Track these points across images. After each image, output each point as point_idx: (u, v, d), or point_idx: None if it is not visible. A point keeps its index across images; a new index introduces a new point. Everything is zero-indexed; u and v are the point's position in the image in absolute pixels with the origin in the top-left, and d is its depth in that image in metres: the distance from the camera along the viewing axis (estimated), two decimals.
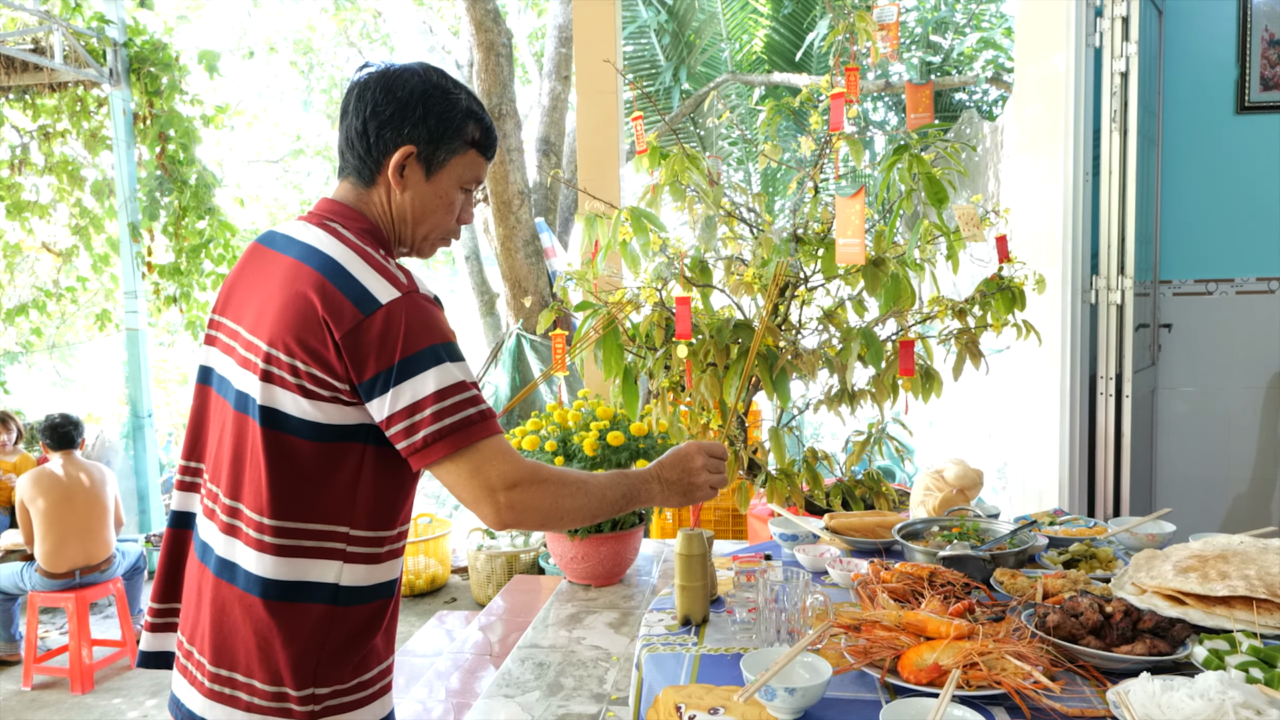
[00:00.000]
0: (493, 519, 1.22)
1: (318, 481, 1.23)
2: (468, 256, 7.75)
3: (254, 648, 1.22)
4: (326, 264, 1.23)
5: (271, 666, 1.22)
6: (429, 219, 1.38)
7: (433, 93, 1.34)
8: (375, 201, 1.36)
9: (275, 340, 1.21)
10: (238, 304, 1.32)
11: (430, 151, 1.34)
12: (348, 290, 1.20)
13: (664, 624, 1.72)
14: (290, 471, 1.21)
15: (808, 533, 2.08)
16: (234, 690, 1.23)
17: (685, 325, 2.07)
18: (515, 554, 5.18)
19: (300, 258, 1.25)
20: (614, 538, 3.95)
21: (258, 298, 1.27)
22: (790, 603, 1.53)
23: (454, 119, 1.35)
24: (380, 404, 1.20)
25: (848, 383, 2.68)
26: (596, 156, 4.39)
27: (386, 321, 1.19)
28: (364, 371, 1.19)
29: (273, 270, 1.27)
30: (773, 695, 1.29)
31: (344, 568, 1.25)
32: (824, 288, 3.02)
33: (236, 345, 1.28)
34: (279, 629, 1.21)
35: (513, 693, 3.00)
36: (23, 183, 6.22)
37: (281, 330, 1.20)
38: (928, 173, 2.16)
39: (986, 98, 6.77)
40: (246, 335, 1.26)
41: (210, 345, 1.35)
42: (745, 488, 2.90)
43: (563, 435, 3.97)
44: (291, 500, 1.22)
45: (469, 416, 1.22)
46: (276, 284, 1.24)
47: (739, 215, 2.81)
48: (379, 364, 1.18)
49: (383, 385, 1.19)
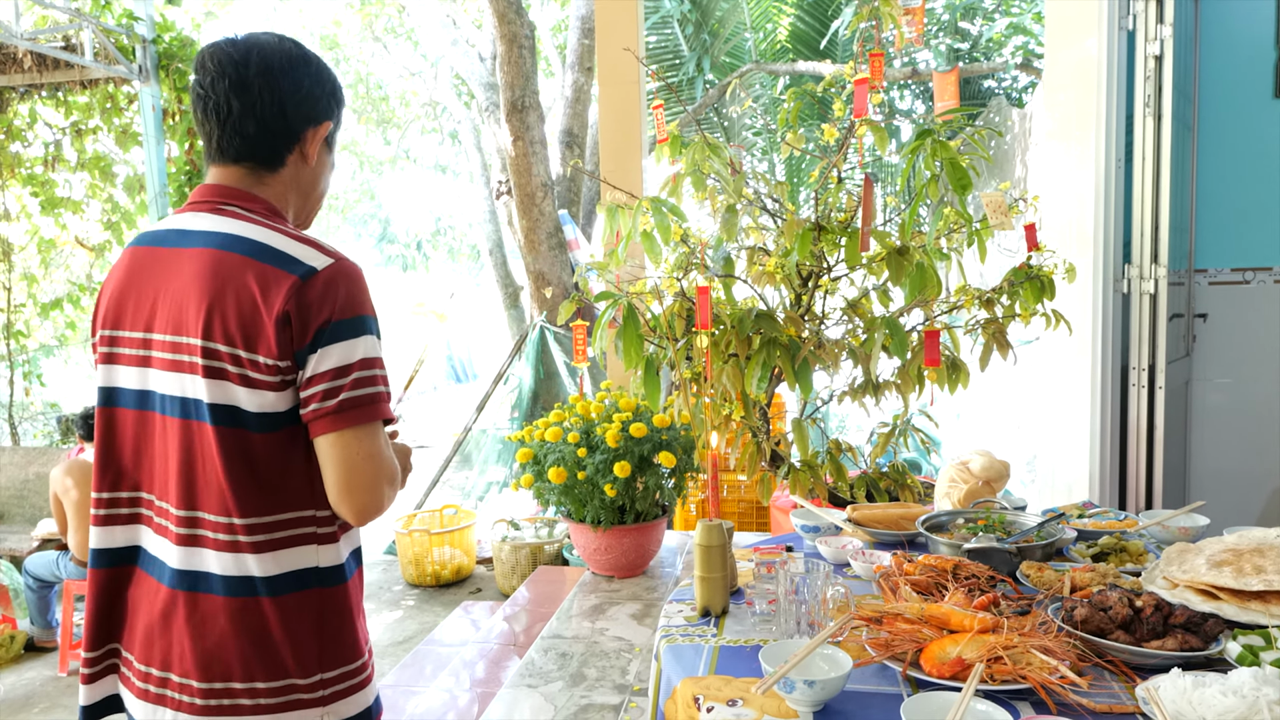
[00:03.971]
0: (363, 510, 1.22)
1: (279, 471, 1.21)
2: (491, 250, 7.77)
3: (251, 650, 1.20)
4: (249, 246, 1.20)
5: (274, 663, 1.20)
6: (323, 186, 1.40)
7: (324, 65, 1.34)
8: (277, 180, 1.31)
9: (211, 334, 1.18)
10: (143, 312, 1.24)
11: (338, 122, 1.36)
12: (279, 263, 1.19)
13: (683, 615, 1.71)
14: (249, 467, 1.19)
15: (830, 524, 2.05)
16: (235, 699, 1.20)
17: (706, 315, 2.05)
18: (539, 545, 5.19)
19: (217, 246, 1.21)
20: (636, 529, 3.95)
21: (169, 299, 1.21)
22: (811, 594, 1.51)
23: (339, 86, 1.37)
24: (309, 363, 1.18)
25: (872, 373, 2.65)
26: (619, 147, 4.37)
27: (325, 285, 1.19)
28: (305, 336, 1.17)
29: (178, 267, 1.22)
30: (792, 688, 1.28)
31: (319, 550, 1.24)
32: (849, 278, 2.98)
33: (160, 353, 1.22)
34: (279, 623, 1.20)
35: (536, 683, 3.01)
36: (56, 179, 6.33)
37: (215, 322, 1.18)
38: (951, 158, 2.12)
39: (1016, 84, 6.65)
40: (170, 339, 1.21)
41: (117, 364, 1.27)
42: (768, 479, 2.87)
43: (585, 427, 3.96)
44: (257, 496, 1.20)
45: (382, 394, 1.22)
46: (190, 278, 1.20)
47: (761, 204, 2.78)
48: (316, 325, 1.17)
49: (312, 346, 1.18)
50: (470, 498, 6.59)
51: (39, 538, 4.61)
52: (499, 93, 6.35)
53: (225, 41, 1.29)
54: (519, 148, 6.07)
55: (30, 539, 4.87)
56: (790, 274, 2.57)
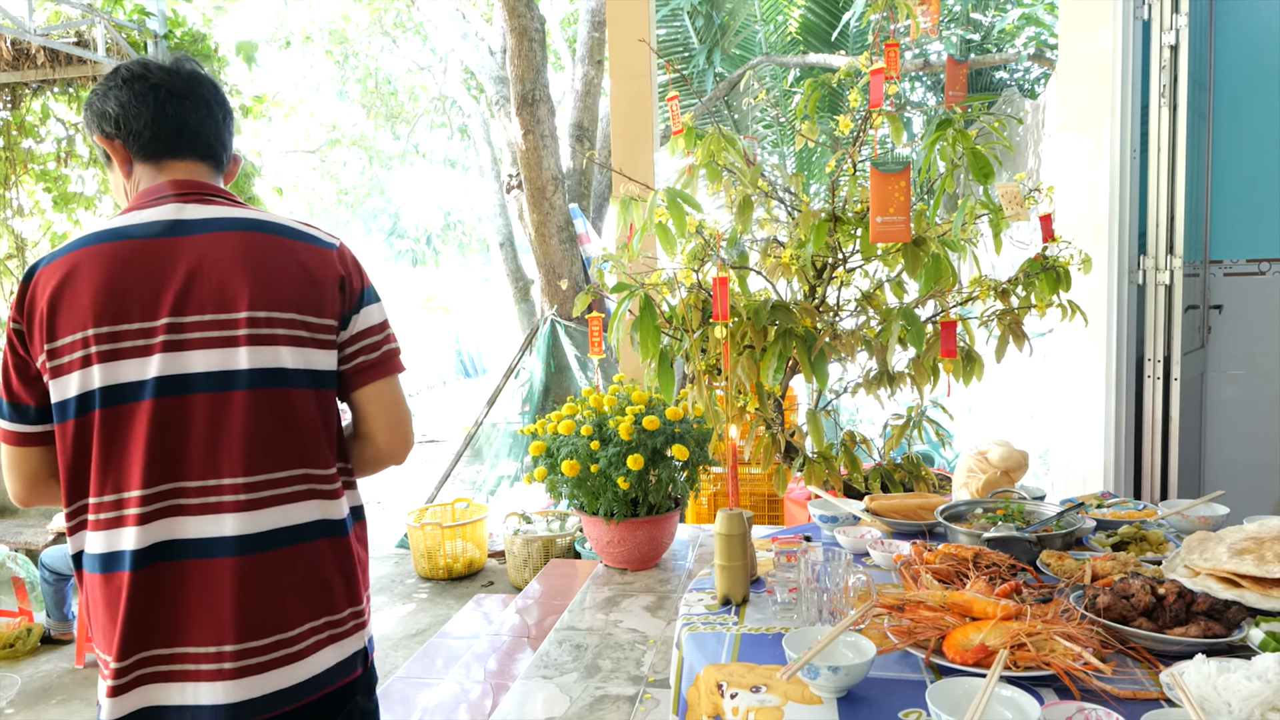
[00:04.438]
0: (407, 445, 1.41)
1: (337, 423, 1.37)
2: (502, 243, 7.78)
3: (342, 583, 1.34)
4: (272, 227, 1.32)
5: (354, 591, 1.36)
6: None
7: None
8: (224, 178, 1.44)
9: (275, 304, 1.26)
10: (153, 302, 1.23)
11: None
12: (308, 239, 1.34)
13: (704, 604, 1.72)
14: (324, 421, 1.33)
15: (848, 514, 2.05)
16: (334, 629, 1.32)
17: (723, 306, 2.06)
18: (551, 538, 5.21)
19: (240, 229, 1.29)
20: (650, 522, 3.95)
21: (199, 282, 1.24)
22: (832, 582, 1.52)
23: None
24: (352, 323, 1.35)
25: (888, 364, 2.64)
26: (630, 140, 4.37)
27: (351, 257, 1.40)
28: (351, 300, 1.35)
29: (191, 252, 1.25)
30: (816, 674, 1.28)
31: (351, 494, 1.40)
32: (862, 269, 2.98)
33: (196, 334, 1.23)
34: (355, 556, 1.37)
35: (551, 674, 3.02)
36: (68, 175, 6.36)
37: (280, 293, 1.27)
38: (972, 148, 2.11)
39: (1028, 75, 6.62)
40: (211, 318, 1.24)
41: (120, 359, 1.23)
42: (783, 471, 2.88)
43: (598, 420, 3.97)
44: (332, 446, 1.34)
45: (399, 348, 1.42)
46: (226, 259, 1.25)
47: (776, 196, 2.78)
48: (358, 290, 1.37)
49: (356, 308, 1.36)
50: (481, 492, 6.61)
51: (54, 531, 4.65)
52: (509, 86, 6.36)
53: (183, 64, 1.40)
54: (529, 141, 6.07)
55: (46, 532, 4.91)
56: (805, 265, 2.57)
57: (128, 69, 1.34)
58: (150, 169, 1.34)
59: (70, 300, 1.22)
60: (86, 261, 1.23)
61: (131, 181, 1.36)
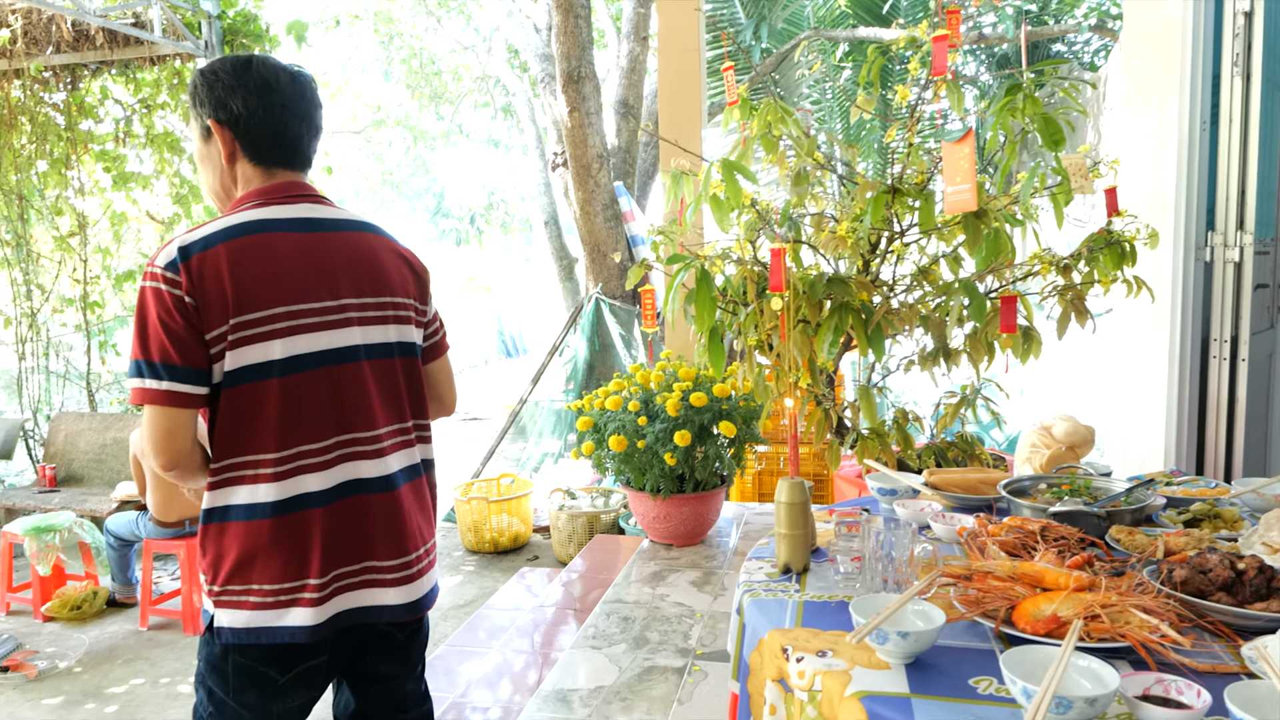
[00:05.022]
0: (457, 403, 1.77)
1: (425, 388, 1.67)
2: (546, 222, 7.80)
3: (427, 514, 1.64)
4: (373, 227, 1.59)
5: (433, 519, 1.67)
6: None
7: None
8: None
9: (406, 292, 1.58)
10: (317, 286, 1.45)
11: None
12: (393, 239, 1.62)
13: (764, 571, 1.71)
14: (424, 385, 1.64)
15: (907, 488, 2.03)
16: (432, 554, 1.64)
17: (780, 278, 2.04)
18: (596, 514, 5.24)
19: (368, 231, 1.56)
20: (696, 498, 3.96)
21: (357, 270, 1.51)
22: (898, 552, 1.50)
23: None
24: (429, 309, 1.67)
25: (947, 337, 2.60)
26: (678, 115, 4.34)
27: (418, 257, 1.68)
28: (427, 289, 1.66)
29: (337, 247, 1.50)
30: (885, 639, 1.27)
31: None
32: (918, 243, 2.93)
33: (363, 313, 1.50)
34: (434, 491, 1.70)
35: (599, 644, 3.05)
36: (126, 155, 6.50)
37: (408, 283, 1.59)
38: (1042, 113, 2.06)
39: (1088, 47, 6.43)
40: (374, 300, 1.52)
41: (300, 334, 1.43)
42: (835, 448, 2.85)
43: (645, 396, 3.98)
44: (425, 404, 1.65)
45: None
46: (356, 254, 1.51)
47: (831, 168, 2.74)
48: (427, 283, 1.66)
49: (429, 296, 1.67)
50: (525, 468, 6.67)
51: (118, 499, 4.79)
52: (554, 63, 6.35)
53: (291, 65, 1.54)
54: (575, 119, 6.06)
55: (110, 500, 5.07)
56: (861, 240, 2.53)
57: (260, 75, 1.46)
58: (259, 170, 1.50)
59: (254, 280, 1.39)
60: (260, 247, 1.41)
61: (234, 170, 1.51)
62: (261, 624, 1.41)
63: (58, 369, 6.75)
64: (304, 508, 1.42)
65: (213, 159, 1.51)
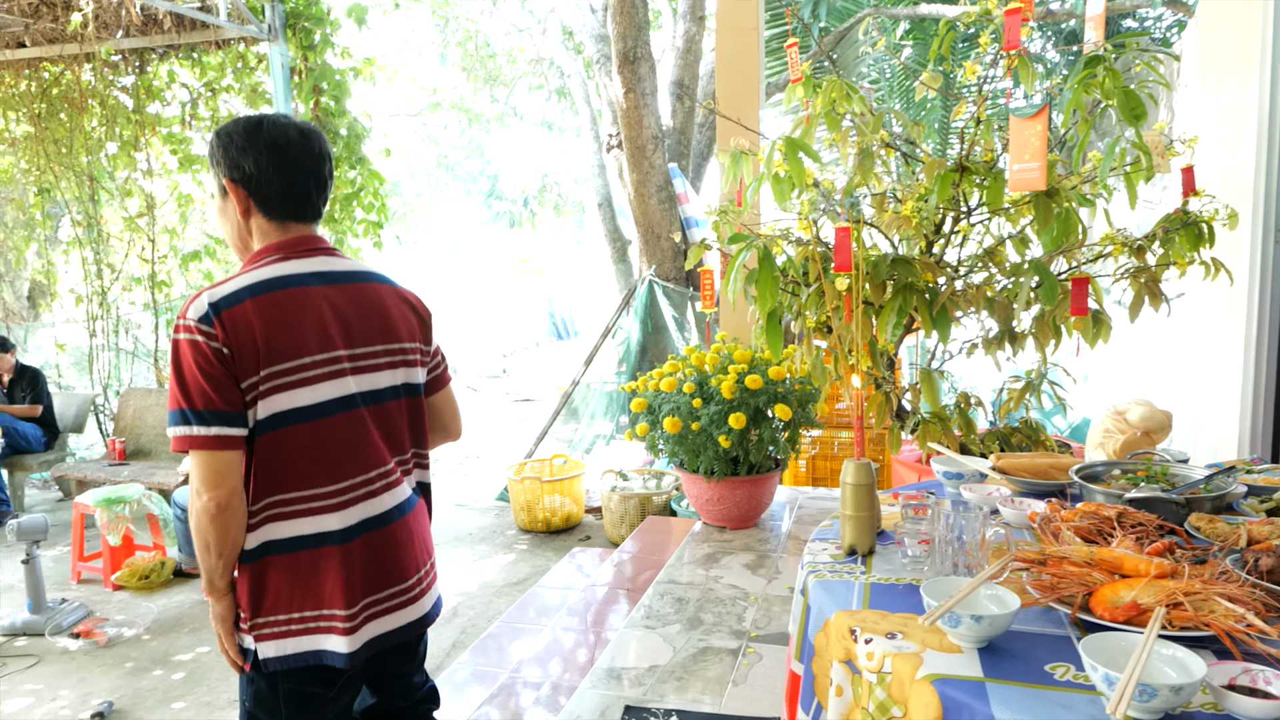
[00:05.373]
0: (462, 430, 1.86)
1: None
2: (600, 204, 7.80)
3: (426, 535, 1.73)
4: (380, 278, 1.68)
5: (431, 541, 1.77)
6: None
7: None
8: None
9: (412, 338, 1.68)
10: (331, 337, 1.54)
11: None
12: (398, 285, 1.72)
13: (828, 553, 1.70)
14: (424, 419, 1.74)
15: (974, 471, 1.99)
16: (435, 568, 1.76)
17: (845, 256, 2.00)
18: (648, 496, 5.25)
19: (374, 281, 1.66)
20: (750, 481, 3.94)
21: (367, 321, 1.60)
22: (969, 536, 1.48)
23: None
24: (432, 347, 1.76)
25: (1016, 317, 2.53)
26: (736, 94, 4.29)
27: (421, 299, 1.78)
28: (430, 331, 1.76)
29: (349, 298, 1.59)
30: (957, 622, 1.25)
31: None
32: (984, 224, 2.86)
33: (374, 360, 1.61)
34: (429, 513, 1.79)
35: (654, 624, 3.07)
36: (191, 137, 6.66)
37: (414, 330, 1.69)
38: (1122, 86, 1.98)
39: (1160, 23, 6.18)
40: (382, 348, 1.62)
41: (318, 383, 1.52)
42: (894, 431, 2.81)
43: (700, 378, 3.96)
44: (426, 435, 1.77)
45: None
46: (367, 305, 1.61)
47: (897, 147, 2.69)
48: (429, 323, 1.76)
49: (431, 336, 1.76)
50: (576, 450, 6.71)
51: (184, 473, 4.94)
52: (610, 44, 6.32)
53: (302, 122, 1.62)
54: (630, 100, 6.04)
55: (177, 474, 5.24)
56: (929, 218, 2.48)
57: (270, 135, 1.55)
58: (273, 224, 1.58)
59: (281, 333, 1.48)
60: (283, 302, 1.50)
61: (249, 224, 1.59)
62: (307, 648, 1.53)
63: (126, 346, 6.98)
64: (330, 544, 1.53)
65: (230, 214, 1.59)
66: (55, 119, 6.74)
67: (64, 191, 6.83)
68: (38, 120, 6.75)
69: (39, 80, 6.74)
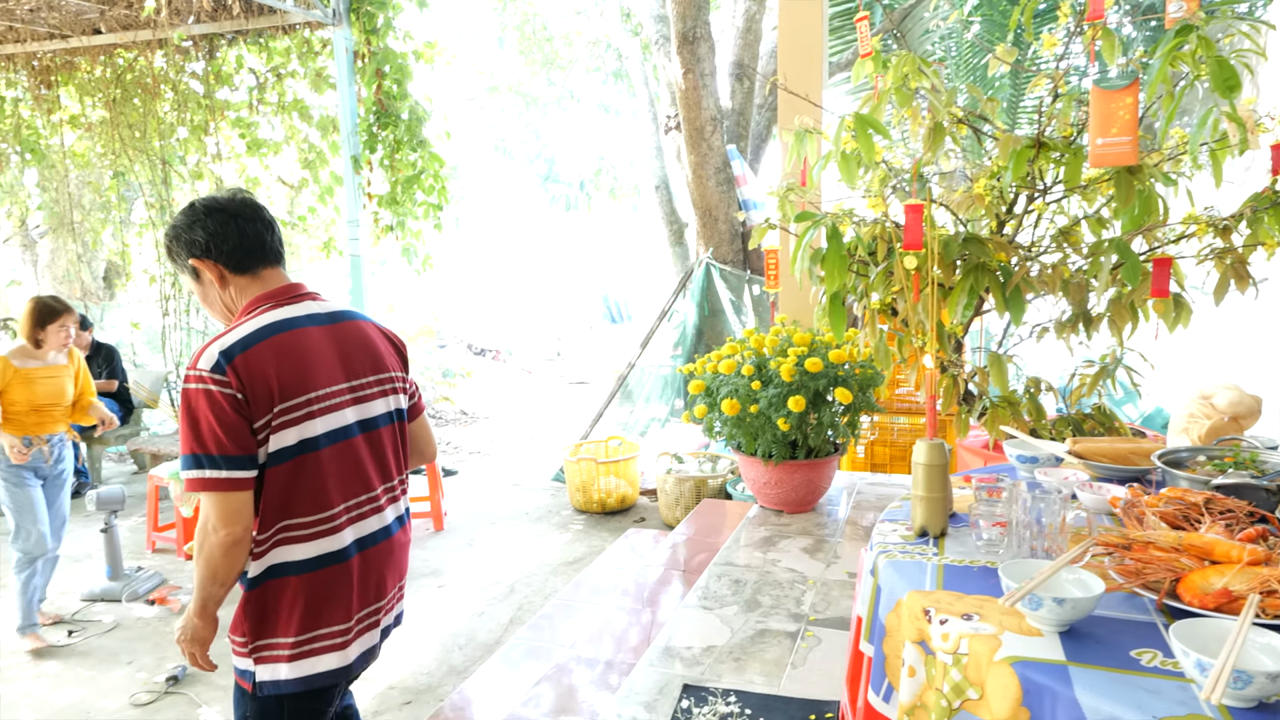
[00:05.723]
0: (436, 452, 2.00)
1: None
2: (657, 186, 7.76)
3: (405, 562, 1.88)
4: (365, 316, 1.84)
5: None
6: None
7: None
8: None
9: (396, 368, 1.83)
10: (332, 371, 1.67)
11: None
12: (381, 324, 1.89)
13: (898, 534, 1.67)
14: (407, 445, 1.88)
15: (1049, 455, 1.94)
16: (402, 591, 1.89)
17: (916, 235, 1.96)
18: (703, 479, 5.25)
19: (356, 319, 1.79)
20: (808, 465, 3.91)
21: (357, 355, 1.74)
22: (1048, 518, 1.43)
23: None
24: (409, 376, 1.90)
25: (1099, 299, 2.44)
26: (799, 71, 4.22)
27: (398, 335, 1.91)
28: (408, 362, 1.91)
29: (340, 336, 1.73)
30: (1039, 604, 1.22)
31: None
32: (1059, 202, 2.77)
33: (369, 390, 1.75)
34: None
35: (711, 605, 3.06)
36: (259, 121, 6.81)
37: (395, 361, 1.84)
38: (1216, 56, 1.89)
39: None
40: (375, 378, 1.76)
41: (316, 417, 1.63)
42: (962, 416, 2.75)
43: (759, 361, 3.93)
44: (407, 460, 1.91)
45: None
46: (364, 339, 1.77)
47: (971, 122, 2.61)
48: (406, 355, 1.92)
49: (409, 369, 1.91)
50: (631, 432, 6.73)
51: None
52: (669, 24, 6.27)
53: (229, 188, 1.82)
54: (689, 80, 5.99)
55: None
56: (1004, 194, 2.41)
57: (205, 206, 1.69)
58: (246, 278, 1.70)
59: (290, 370, 1.60)
60: (287, 344, 1.62)
61: (229, 290, 1.70)
62: (305, 673, 1.65)
63: (198, 325, 7.19)
64: (332, 563, 1.65)
65: (210, 291, 1.72)
66: (129, 104, 6.94)
67: (138, 175, 7.04)
68: (113, 105, 6.97)
69: (114, 66, 6.95)
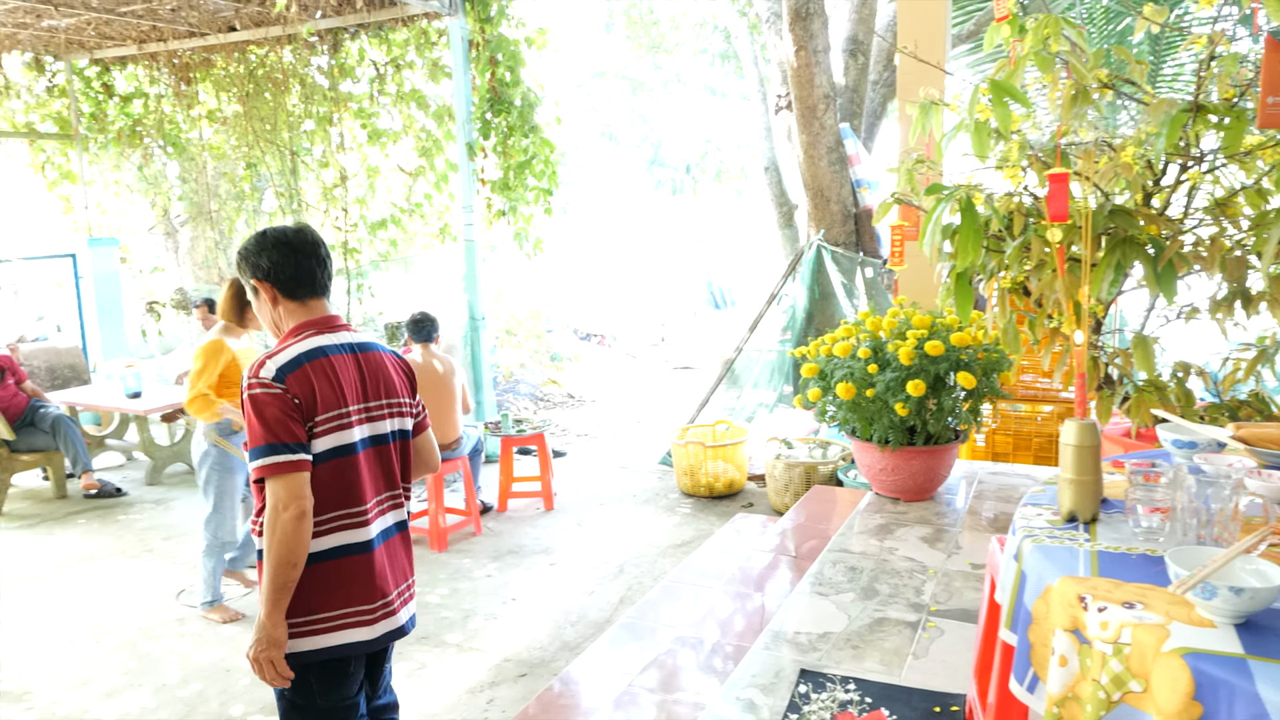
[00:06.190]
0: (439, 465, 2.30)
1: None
2: (766, 168, 7.65)
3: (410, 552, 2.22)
4: (377, 346, 2.12)
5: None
6: None
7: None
8: None
9: (405, 393, 2.14)
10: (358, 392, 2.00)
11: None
12: (395, 352, 2.20)
13: (1044, 519, 1.58)
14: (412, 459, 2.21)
15: (1210, 440, 1.80)
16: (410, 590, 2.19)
17: (1061, 205, 1.84)
18: (813, 465, 5.16)
19: (372, 350, 2.09)
20: (927, 452, 3.77)
21: (374, 380, 2.04)
22: (1216, 505, 1.33)
23: None
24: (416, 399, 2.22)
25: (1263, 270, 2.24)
26: (921, 40, 4.04)
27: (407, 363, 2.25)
28: (415, 388, 2.23)
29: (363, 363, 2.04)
30: (1213, 594, 1.13)
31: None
32: (1215, 171, 2.57)
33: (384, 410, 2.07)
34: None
35: (826, 591, 3.00)
36: (378, 111, 7.06)
37: (399, 389, 2.12)
38: None
39: None
40: (388, 401, 2.07)
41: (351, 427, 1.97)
42: (1105, 400, 2.60)
43: (875, 344, 3.82)
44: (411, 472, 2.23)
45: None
46: (379, 367, 2.07)
47: (1115, 87, 2.45)
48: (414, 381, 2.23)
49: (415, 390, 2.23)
50: (738, 417, 6.68)
51: None
52: (780, 2, 6.14)
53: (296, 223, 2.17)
54: (801, 58, 5.86)
55: None
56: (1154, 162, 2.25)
57: (273, 237, 2.01)
58: (294, 304, 2.03)
59: (325, 389, 1.94)
60: (326, 366, 1.96)
61: (279, 309, 2.04)
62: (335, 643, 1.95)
63: None
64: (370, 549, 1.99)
65: (264, 306, 2.06)
66: (260, 98, 7.32)
67: (268, 165, 7.43)
68: (246, 100, 7.36)
69: (247, 62, 7.33)
